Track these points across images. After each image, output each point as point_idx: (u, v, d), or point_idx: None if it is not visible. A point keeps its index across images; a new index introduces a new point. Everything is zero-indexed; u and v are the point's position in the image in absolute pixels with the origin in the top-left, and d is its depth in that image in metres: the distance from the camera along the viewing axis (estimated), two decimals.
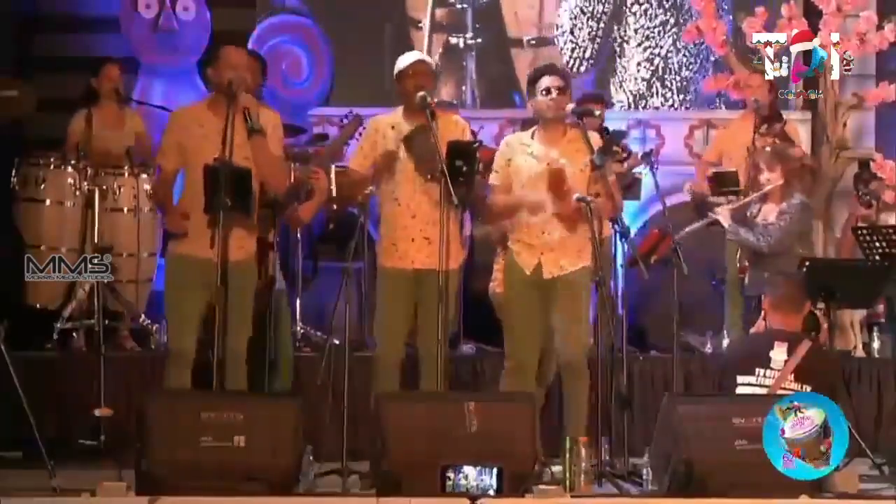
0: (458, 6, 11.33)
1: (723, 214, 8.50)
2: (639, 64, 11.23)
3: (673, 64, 11.22)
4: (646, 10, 11.26)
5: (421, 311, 7.21)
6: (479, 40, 11.32)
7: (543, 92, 7.21)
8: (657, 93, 11.20)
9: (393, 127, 7.29)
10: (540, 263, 7.20)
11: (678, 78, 11.22)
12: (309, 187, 8.41)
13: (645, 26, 11.25)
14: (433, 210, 7.07)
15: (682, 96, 11.20)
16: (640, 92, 11.19)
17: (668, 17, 11.24)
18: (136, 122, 9.27)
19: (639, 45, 11.24)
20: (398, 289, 7.25)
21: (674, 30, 11.22)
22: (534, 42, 11.38)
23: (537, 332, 7.25)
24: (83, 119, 8.87)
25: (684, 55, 11.20)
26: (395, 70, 7.33)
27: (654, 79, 11.21)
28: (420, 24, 11.30)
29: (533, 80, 7.30)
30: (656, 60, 11.24)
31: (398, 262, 7.24)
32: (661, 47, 11.23)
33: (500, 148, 7.48)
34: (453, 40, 11.30)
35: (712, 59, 11.08)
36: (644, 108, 11.12)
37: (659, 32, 11.23)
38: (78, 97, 9.07)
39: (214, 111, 7.02)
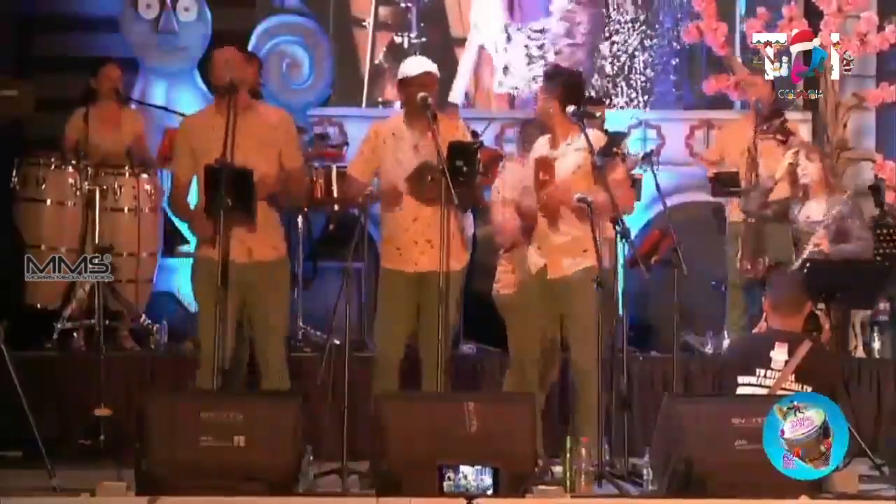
0: (402, 5, 11.20)
1: (823, 242, 8.29)
2: (604, 59, 11.12)
3: (638, 63, 11.15)
4: (618, 6, 11.16)
5: (423, 312, 7.20)
6: (424, 39, 11.17)
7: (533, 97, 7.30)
8: (622, 92, 11.11)
9: (394, 133, 7.26)
10: (546, 264, 7.23)
11: (642, 78, 11.15)
12: None
13: (616, 20, 11.15)
14: (435, 213, 7.06)
15: (646, 97, 11.14)
16: (606, 89, 11.04)
17: (638, 13, 11.16)
18: (135, 122, 9.26)
19: (607, 39, 11.14)
20: (400, 291, 7.24)
21: (643, 27, 11.15)
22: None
23: (539, 333, 7.26)
24: (81, 118, 8.87)
25: (650, 55, 11.13)
26: (400, 76, 7.30)
27: (619, 77, 11.10)
28: (364, 23, 11.18)
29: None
30: (623, 58, 11.15)
31: (401, 265, 7.24)
32: (630, 45, 11.16)
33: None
34: (397, 39, 11.17)
35: (674, 62, 11.05)
36: (609, 105, 10.95)
37: (628, 29, 11.15)
38: (77, 97, 9.07)
39: (222, 115, 6.98)
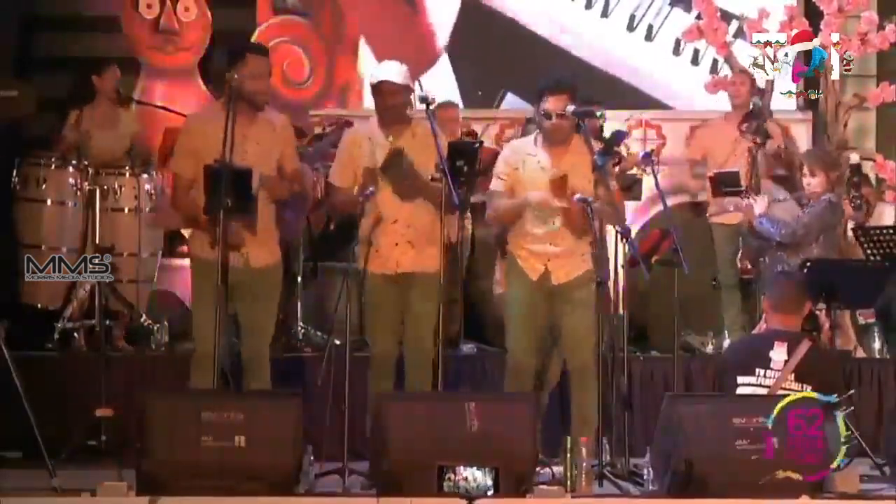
0: None
1: (760, 203, 8.35)
2: None
3: None
4: None
5: (406, 312, 7.25)
6: None
7: (543, 113, 7.18)
8: None
9: (370, 138, 7.27)
10: (547, 270, 7.22)
11: None
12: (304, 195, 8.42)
13: None
14: (413, 213, 7.12)
15: None
16: None
17: None
18: (131, 121, 9.24)
19: None
20: (383, 292, 7.26)
21: None
22: None
23: (537, 335, 7.27)
24: (76, 119, 8.85)
25: None
26: (368, 83, 7.34)
27: None
28: None
29: (539, 96, 7.25)
30: None
31: (381, 268, 7.24)
32: None
33: (504, 153, 7.45)
34: None
35: None
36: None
37: None
38: (71, 97, 9.04)
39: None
